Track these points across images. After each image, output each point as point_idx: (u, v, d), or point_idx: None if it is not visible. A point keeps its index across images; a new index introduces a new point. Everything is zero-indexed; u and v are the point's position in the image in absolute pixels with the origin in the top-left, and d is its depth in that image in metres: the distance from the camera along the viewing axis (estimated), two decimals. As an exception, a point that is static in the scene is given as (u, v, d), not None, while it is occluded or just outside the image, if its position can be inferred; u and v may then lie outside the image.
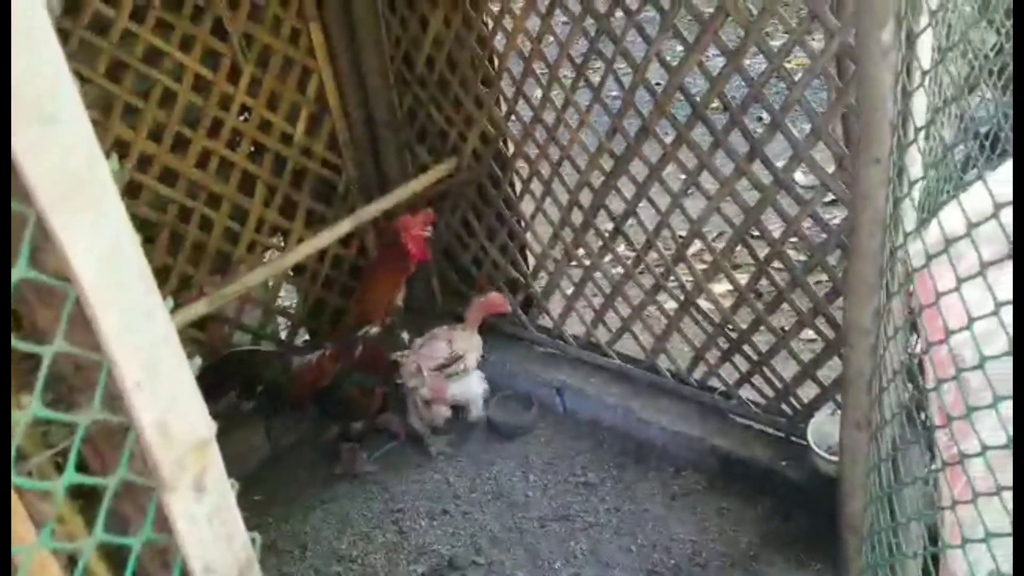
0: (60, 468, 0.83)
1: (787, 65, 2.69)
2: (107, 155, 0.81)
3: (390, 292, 3.37)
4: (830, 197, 2.78)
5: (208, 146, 3.38)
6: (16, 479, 0.78)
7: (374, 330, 3.31)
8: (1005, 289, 1.22)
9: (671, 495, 3.21)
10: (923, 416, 1.63)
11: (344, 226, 3.50)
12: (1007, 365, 1.24)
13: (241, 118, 3.51)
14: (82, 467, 0.86)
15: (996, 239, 1.23)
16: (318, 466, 3.62)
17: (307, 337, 3.99)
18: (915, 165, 1.54)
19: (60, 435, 0.96)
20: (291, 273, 3.83)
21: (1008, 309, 1.19)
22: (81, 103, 0.78)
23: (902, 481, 1.67)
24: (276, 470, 3.60)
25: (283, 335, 3.95)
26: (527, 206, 3.72)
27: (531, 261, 3.87)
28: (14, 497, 0.83)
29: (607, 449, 3.46)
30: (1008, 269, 1.25)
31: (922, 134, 1.50)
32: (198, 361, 0.90)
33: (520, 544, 3.10)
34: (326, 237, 3.48)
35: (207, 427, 0.91)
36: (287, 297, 4.39)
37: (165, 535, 0.90)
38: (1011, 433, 1.22)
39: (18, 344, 0.77)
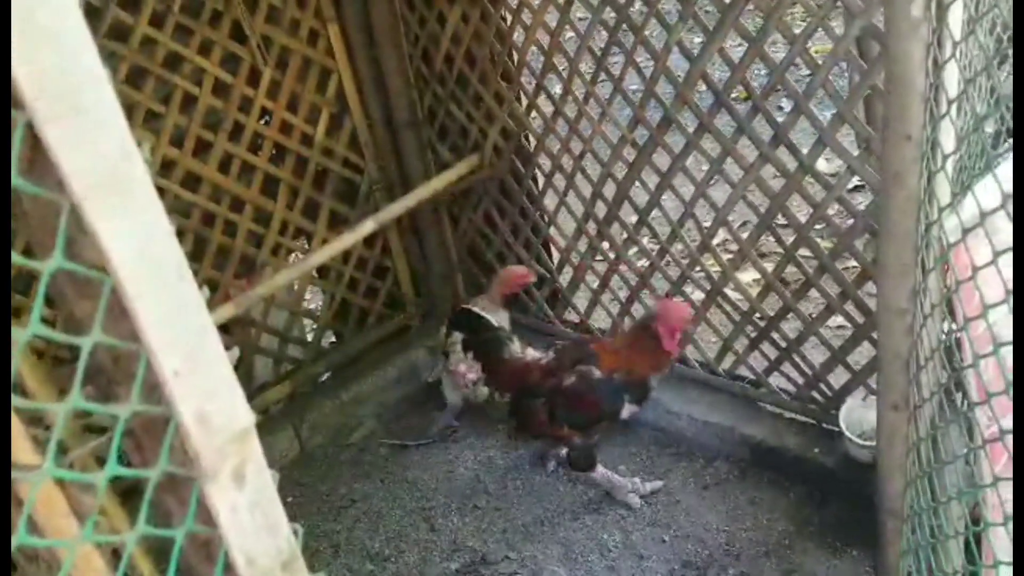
0: (101, 464, 0.83)
1: (811, 52, 2.66)
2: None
3: (615, 366, 3.04)
4: (855, 183, 2.75)
5: (230, 150, 3.39)
6: (57, 471, 0.78)
7: (571, 379, 3.07)
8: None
9: (703, 485, 3.19)
10: (961, 394, 1.61)
11: (367, 226, 3.50)
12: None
13: (262, 121, 3.52)
14: (123, 462, 0.86)
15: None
16: (348, 466, 3.63)
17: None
18: (948, 139, 1.51)
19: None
20: (316, 275, 3.84)
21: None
22: (114, 95, 0.78)
23: (942, 460, 1.65)
24: (306, 471, 3.61)
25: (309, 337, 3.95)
26: (550, 200, 3.71)
27: (555, 256, 3.85)
28: (56, 491, 0.84)
29: (637, 441, 3.45)
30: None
31: (954, 107, 1.48)
32: (236, 352, 0.90)
33: (553, 538, 3.09)
34: (349, 238, 3.48)
35: (246, 417, 0.90)
36: (313, 299, 4.40)
37: (208, 527, 0.90)
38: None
39: (57, 336, 0.76)
